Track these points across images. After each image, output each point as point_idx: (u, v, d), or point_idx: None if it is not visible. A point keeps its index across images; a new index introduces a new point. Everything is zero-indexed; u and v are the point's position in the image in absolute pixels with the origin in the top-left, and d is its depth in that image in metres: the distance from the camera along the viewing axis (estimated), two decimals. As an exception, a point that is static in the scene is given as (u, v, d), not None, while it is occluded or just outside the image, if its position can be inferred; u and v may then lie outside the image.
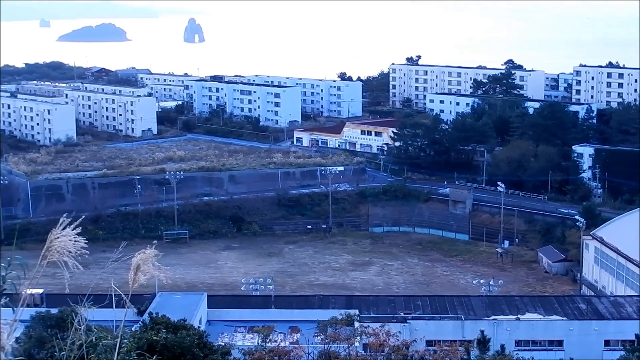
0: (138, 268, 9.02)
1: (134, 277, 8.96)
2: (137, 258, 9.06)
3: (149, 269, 9.07)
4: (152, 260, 9.07)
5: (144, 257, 9.05)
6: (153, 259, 9.08)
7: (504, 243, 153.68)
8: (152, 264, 9.08)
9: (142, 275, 9.07)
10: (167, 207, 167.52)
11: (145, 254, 9.06)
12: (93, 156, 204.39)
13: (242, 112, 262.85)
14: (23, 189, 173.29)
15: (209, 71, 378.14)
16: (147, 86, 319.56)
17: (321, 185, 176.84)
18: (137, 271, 8.99)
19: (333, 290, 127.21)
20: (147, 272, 9.07)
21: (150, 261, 9.06)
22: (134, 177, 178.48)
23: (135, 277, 8.94)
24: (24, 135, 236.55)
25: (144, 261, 9.04)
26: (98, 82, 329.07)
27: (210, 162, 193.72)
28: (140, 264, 9.04)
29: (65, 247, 8.60)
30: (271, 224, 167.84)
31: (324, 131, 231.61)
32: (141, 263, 9.04)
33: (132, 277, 8.99)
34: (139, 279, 9.04)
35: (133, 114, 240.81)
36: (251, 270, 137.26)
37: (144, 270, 9.04)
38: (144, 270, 9.04)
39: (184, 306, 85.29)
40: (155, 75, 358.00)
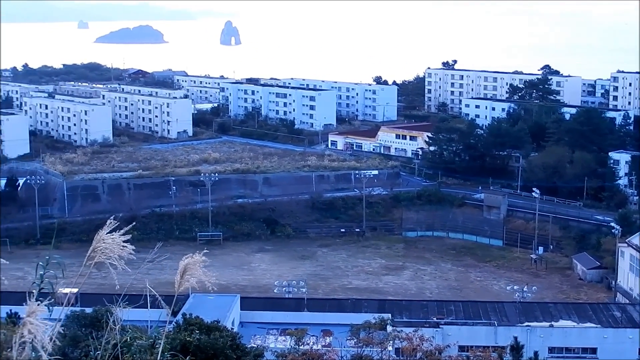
0: (185, 272, 9.11)
1: (180, 281, 9.04)
2: (185, 262, 9.16)
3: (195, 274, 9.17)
4: (199, 265, 9.17)
5: (192, 261, 9.14)
6: (200, 264, 9.18)
7: (538, 249, 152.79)
8: (199, 269, 9.17)
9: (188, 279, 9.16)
10: (201, 209, 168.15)
11: (192, 259, 9.16)
12: (129, 157, 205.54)
13: (277, 114, 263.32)
14: (59, 188, 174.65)
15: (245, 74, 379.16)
16: (183, 88, 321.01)
17: (355, 189, 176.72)
18: (183, 275, 9.07)
19: (366, 294, 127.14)
20: (193, 276, 9.17)
21: (198, 266, 9.16)
22: (169, 178, 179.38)
23: (181, 281, 9.02)
24: (61, 135, 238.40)
25: (191, 265, 9.14)
26: (135, 84, 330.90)
27: (245, 164, 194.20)
28: (187, 268, 9.14)
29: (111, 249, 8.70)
30: (305, 227, 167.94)
31: (359, 135, 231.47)
32: (188, 267, 9.14)
33: (178, 281, 9.06)
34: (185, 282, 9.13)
35: (169, 116, 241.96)
36: (284, 273, 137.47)
37: (191, 274, 9.14)
38: (191, 274, 9.14)
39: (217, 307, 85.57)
40: (191, 77, 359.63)
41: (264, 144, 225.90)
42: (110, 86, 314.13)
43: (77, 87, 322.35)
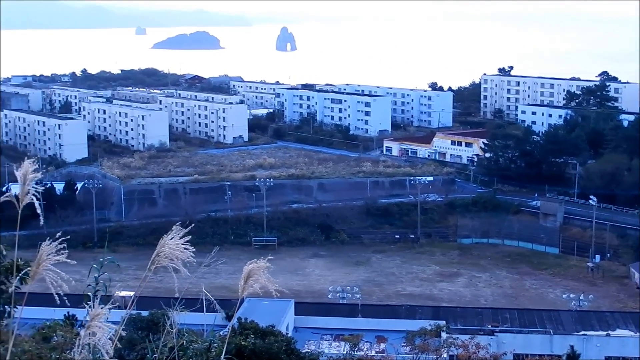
0: (249, 277, 9.22)
1: (243, 285, 9.14)
2: (249, 267, 9.27)
3: (260, 279, 9.27)
4: (263, 271, 9.27)
5: (256, 266, 9.25)
6: (265, 270, 9.29)
7: (595, 258, 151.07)
8: (263, 274, 9.28)
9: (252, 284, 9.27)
10: (256, 214, 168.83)
11: (257, 264, 9.27)
12: (185, 162, 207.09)
13: (333, 120, 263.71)
14: (116, 193, 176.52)
15: (300, 79, 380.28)
16: (239, 94, 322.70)
17: (410, 195, 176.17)
18: (247, 280, 9.18)
19: (420, 301, 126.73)
20: (257, 281, 9.28)
21: (262, 271, 9.26)
22: (224, 183, 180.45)
23: (244, 286, 9.12)
24: (118, 140, 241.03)
25: (255, 271, 9.24)
26: (191, 89, 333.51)
27: (300, 169, 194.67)
28: (251, 273, 9.25)
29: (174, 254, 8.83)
30: (359, 232, 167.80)
31: (414, 141, 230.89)
32: (252, 272, 9.24)
33: (242, 286, 9.16)
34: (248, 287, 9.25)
35: (225, 121, 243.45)
36: (338, 279, 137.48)
37: (255, 279, 9.24)
38: (255, 279, 9.24)
39: (272, 312, 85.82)
40: (247, 82, 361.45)
41: (319, 149, 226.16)
42: (167, 91, 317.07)
43: (134, 92, 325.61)
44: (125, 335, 8.76)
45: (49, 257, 8.76)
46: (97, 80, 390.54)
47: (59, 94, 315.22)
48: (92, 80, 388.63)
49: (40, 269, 8.55)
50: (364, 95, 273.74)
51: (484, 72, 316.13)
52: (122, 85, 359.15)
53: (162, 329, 10.71)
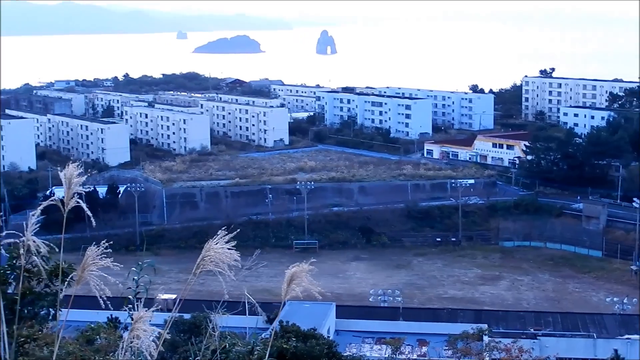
0: (292, 280, 9.26)
1: (286, 289, 9.17)
2: (292, 270, 9.30)
3: (302, 282, 9.30)
4: (306, 274, 9.30)
5: (299, 270, 9.29)
6: (307, 273, 9.31)
7: (638, 260, 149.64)
8: (306, 278, 9.30)
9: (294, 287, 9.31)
10: (297, 217, 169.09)
11: (299, 268, 9.30)
12: (226, 165, 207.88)
13: (373, 123, 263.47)
14: (158, 196, 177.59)
15: (341, 82, 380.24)
16: (279, 97, 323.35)
17: (451, 198, 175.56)
18: (290, 283, 9.22)
19: (462, 304, 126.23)
20: (300, 284, 9.31)
21: (305, 275, 9.29)
22: (265, 186, 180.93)
23: (287, 289, 9.15)
24: (160, 143, 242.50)
25: (298, 274, 9.28)
26: (232, 93, 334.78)
27: (340, 172, 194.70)
28: (294, 276, 9.28)
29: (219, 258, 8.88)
30: (400, 235, 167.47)
31: (455, 143, 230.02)
32: (295, 275, 9.28)
33: (285, 289, 9.19)
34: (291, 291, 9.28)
35: (266, 125, 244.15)
36: (379, 282, 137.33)
37: (297, 282, 9.28)
38: (297, 282, 9.28)
39: (313, 315, 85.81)
40: (287, 86, 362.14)
41: (360, 152, 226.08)
42: (208, 95, 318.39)
43: (176, 96, 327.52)
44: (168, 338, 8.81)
45: (95, 261, 8.85)
46: (139, 85, 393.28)
47: (102, 99, 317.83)
48: (134, 85, 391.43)
49: (86, 273, 8.64)
50: (404, 98, 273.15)
51: (525, 74, 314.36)
52: (163, 89, 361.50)
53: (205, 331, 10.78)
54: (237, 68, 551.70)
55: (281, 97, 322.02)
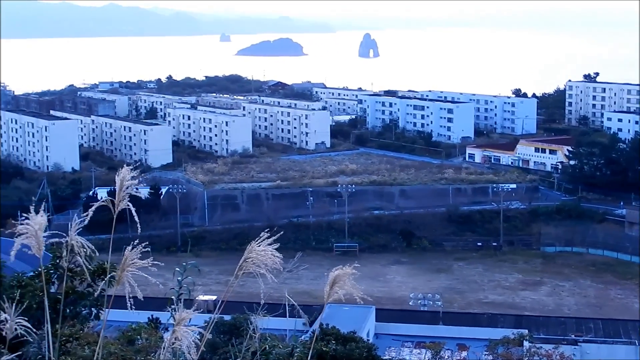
0: (334, 283, 9.28)
1: (329, 292, 9.18)
2: (335, 273, 9.32)
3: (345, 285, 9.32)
4: (349, 277, 9.31)
5: (342, 273, 9.30)
6: (350, 276, 9.33)
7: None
8: (348, 281, 9.32)
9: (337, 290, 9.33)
10: (338, 220, 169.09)
11: (342, 271, 9.32)
12: (268, 167, 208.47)
13: (415, 127, 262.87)
14: (200, 198, 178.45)
15: (383, 86, 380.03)
16: (321, 100, 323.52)
17: (492, 203, 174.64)
18: (332, 286, 9.24)
19: (502, 309, 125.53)
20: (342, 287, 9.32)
21: (347, 278, 9.30)
22: (306, 189, 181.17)
23: (330, 292, 9.17)
24: (202, 145, 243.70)
25: (341, 277, 9.29)
26: (274, 96, 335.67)
27: (381, 176, 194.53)
28: (337, 279, 9.30)
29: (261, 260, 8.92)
30: (441, 239, 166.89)
31: (497, 148, 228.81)
32: (338, 278, 9.30)
33: (327, 292, 9.20)
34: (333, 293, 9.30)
35: (307, 127, 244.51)
36: (419, 286, 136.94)
37: (340, 285, 9.29)
38: (340, 285, 9.29)
39: (353, 318, 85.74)
40: (329, 89, 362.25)
41: (401, 156, 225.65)
42: (251, 98, 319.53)
43: (218, 98, 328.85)
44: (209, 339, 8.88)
45: (134, 261, 8.94)
46: (182, 87, 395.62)
47: (145, 100, 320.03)
48: (177, 87, 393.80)
49: (125, 272, 8.73)
50: (446, 102, 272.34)
51: (569, 78, 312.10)
52: (206, 91, 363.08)
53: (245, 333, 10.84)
54: (279, 71, 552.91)
55: (323, 100, 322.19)
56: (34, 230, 8.98)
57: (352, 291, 9.34)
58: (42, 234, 8.99)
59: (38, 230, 8.99)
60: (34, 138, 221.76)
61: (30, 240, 8.95)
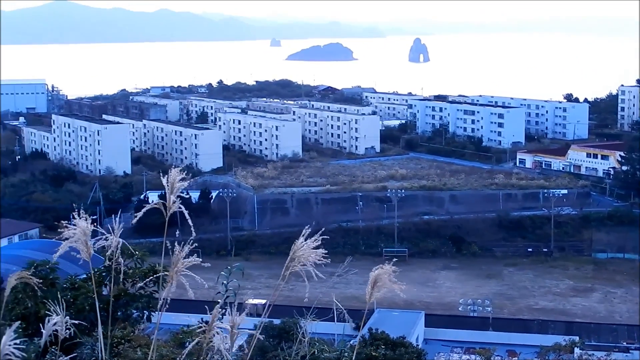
0: (375, 283, 9.29)
1: (370, 291, 9.19)
2: (375, 272, 9.33)
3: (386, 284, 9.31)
4: (389, 275, 9.31)
5: (382, 271, 9.31)
6: (390, 274, 9.33)
7: None
8: (389, 279, 9.31)
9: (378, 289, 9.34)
10: (387, 225, 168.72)
11: (382, 269, 9.33)
12: (317, 172, 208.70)
13: (465, 132, 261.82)
14: (250, 202, 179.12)
15: (433, 91, 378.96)
16: (371, 105, 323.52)
17: (543, 208, 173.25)
18: (374, 286, 9.25)
19: (552, 316, 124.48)
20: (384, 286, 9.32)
21: (388, 276, 9.30)
22: (356, 193, 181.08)
23: (372, 292, 9.18)
24: (252, 150, 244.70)
25: (381, 275, 9.31)
26: (324, 100, 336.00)
27: (431, 181, 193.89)
28: (377, 278, 9.31)
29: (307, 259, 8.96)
30: (491, 245, 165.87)
31: (548, 153, 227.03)
32: (379, 277, 9.31)
33: (369, 292, 9.20)
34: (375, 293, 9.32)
35: (357, 132, 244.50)
36: (469, 291, 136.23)
37: (381, 285, 9.30)
38: (381, 285, 9.30)
39: (402, 323, 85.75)
40: (379, 94, 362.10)
41: (451, 161, 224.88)
42: (301, 102, 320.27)
43: (268, 103, 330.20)
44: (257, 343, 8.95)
45: (183, 263, 9.03)
46: (233, 91, 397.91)
47: (196, 105, 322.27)
48: (228, 91, 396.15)
49: (176, 275, 8.83)
50: (497, 107, 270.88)
51: (621, 83, 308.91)
52: (256, 96, 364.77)
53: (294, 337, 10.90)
54: (329, 75, 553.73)
55: (373, 105, 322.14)
56: (80, 235, 9.10)
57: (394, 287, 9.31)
58: (89, 238, 9.12)
59: (84, 235, 9.11)
60: (86, 142, 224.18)
61: (78, 244, 9.07)
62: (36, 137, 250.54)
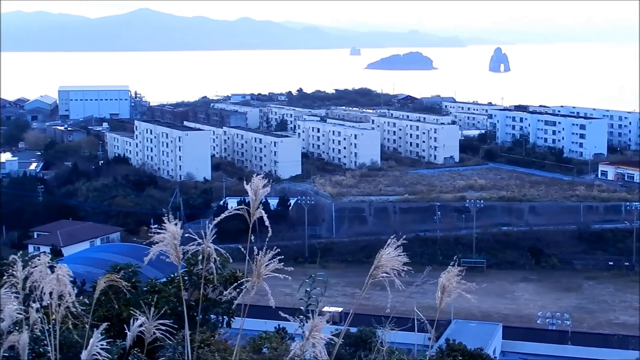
0: (444, 288, 9.30)
1: (441, 297, 9.19)
2: (443, 277, 9.34)
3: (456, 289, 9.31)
4: (456, 279, 9.30)
5: (449, 275, 9.32)
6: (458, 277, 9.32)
7: None
8: (457, 283, 9.31)
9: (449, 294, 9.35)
10: (465, 235, 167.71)
11: (449, 273, 9.34)
12: (395, 181, 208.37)
13: (546, 142, 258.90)
14: (328, 209, 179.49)
15: (513, 101, 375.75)
16: (451, 114, 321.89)
17: (625, 222, 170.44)
18: (443, 291, 9.26)
19: (633, 331, 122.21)
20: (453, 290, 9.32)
21: (455, 280, 9.30)
22: (434, 203, 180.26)
23: (442, 297, 9.19)
24: (331, 158, 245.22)
25: (450, 279, 9.31)
26: (403, 109, 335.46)
27: (511, 192, 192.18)
28: (446, 284, 9.33)
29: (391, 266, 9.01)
30: (571, 258, 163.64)
31: (631, 165, 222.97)
32: (448, 281, 9.32)
33: (439, 297, 9.20)
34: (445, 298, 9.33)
35: (436, 141, 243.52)
36: (548, 304, 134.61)
37: (450, 289, 9.30)
38: (450, 289, 9.30)
39: (479, 335, 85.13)
40: (459, 103, 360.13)
41: (531, 171, 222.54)
42: (380, 111, 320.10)
43: (347, 111, 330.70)
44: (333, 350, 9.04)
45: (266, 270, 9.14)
46: (312, 100, 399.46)
47: (276, 112, 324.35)
48: (307, 100, 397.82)
49: (259, 281, 8.95)
50: (579, 118, 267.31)
51: None
52: (336, 104, 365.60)
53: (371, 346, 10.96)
54: (409, 84, 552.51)
55: (452, 114, 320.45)
56: (170, 239, 9.29)
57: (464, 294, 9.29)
58: (178, 242, 9.30)
59: (174, 239, 9.30)
60: (168, 148, 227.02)
61: (168, 248, 9.26)
62: (119, 143, 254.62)
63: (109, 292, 19.73)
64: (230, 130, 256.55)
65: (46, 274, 9.42)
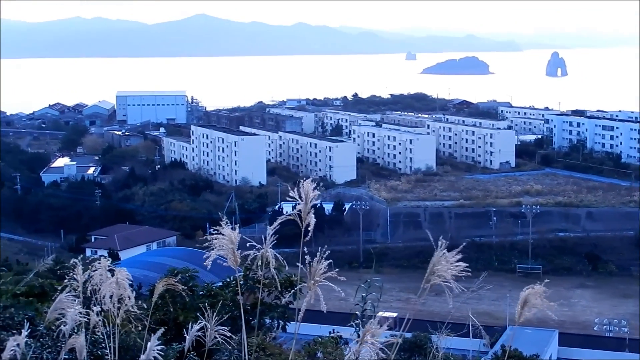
0: (525, 302, 9.28)
1: (520, 312, 9.16)
2: (526, 292, 9.32)
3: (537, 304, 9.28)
4: (540, 296, 9.29)
5: (533, 292, 9.30)
6: (542, 295, 9.31)
7: None
8: (540, 300, 9.29)
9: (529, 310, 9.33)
10: (521, 241, 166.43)
11: (534, 290, 9.31)
12: (451, 186, 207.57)
13: (603, 147, 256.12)
14: (382, 214, 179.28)
15: (570, 105, 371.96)
16: (507, 119, 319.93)
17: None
18: (524, 306, 9.24)
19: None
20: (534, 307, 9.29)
21: (539, 297, 9.28)
22: (490, 208, 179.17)
23: (521, 312, 9.16)
24: (386, 163, 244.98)
25: (532, 296, 9.29)
26: (459, 114, 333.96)
27: (567, 197, 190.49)
28: (527, 298, 9.31)
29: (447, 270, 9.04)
30: (629, 264, 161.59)
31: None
32: (529, 297, 9.30)
33: (519, 312, 9.17)
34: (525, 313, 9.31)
35: (492, 147, 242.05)
36: (605, 311, 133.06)
37: (532, 305, 9.28)
38: (532, 305, 9.28)
39: (535, 341, 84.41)
40: (515, 108, 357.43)
41: (588, 177, 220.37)
42: (435, 116, 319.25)
43: (403, 116, 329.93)
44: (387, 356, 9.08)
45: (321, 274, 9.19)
46: (367, 104, 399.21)
47: (331, 117, 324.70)
48: (363, 104, 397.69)
49: (314, 285, 9.02)
50: (637, 122, 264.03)
51: None
52: (391, 109, 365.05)
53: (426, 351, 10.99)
54: (464, 89, 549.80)
55: (508, 119, 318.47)
56: (229, 243, 9.42)
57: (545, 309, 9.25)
58: (236, 247, 9.42)
59: (232, 244, 9.42)
60: (223, 152, 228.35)
61: (227, 252, 9.39)
62: (175, 147, 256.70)
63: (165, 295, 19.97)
64: (286, 135, 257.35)
65: (106, 277, 9.61)
